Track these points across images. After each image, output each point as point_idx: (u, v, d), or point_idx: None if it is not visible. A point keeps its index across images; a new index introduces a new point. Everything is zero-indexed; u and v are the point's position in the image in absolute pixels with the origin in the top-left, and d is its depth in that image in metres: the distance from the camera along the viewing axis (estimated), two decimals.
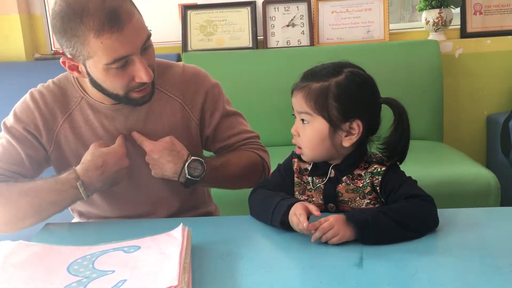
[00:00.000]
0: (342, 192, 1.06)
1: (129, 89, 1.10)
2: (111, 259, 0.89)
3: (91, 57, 1.04)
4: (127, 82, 1.08)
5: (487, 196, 1.85)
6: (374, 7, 2.67)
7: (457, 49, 2.62)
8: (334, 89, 1.00)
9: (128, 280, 0.80)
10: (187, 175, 1.15)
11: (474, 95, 2.66)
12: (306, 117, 1.02)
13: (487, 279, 0.79)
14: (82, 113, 1.19)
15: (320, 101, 1.00)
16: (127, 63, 1.05)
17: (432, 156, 2.20)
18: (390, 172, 1.03)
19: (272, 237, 1.00)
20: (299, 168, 1.11)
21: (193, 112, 1.25)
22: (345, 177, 1.06)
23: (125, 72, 1.07)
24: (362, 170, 1.05)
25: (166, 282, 0.77)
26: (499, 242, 0.93)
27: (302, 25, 2.71)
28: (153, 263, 0.85)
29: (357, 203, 1.06)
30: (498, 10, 2.68)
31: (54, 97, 1.19)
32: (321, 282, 0.80)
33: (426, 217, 0.97)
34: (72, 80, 1.21)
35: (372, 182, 1.04)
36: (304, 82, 1.03)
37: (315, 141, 1.03)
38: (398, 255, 0.89)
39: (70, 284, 0.80)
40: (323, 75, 1.02)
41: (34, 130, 1.17)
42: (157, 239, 0.95)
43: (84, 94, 1.19)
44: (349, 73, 1.01)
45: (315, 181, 1.09)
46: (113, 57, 1.03)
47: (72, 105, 1.19)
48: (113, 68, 1.05)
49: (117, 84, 1.09)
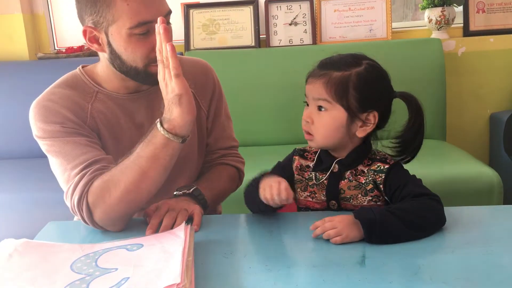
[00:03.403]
0: (345, 189, 1.06)
1: (149, 60, 1.10)
2: (114, 257, 0.89)
3: (115, 21, 1.05)
4: (148, 52, 1.09)
5: (490, 194, 1.85)
6: (376, 6, 2.67)
7: (460, 48, 2.61)
8: (355, 79, 1.01)
9: (131, 278, 0.80)
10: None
11: (477, 93, 2.65)
12: (325, 104, 1.02)
13: (490, 277, 0.79)
14: (103, 104, 1.17)
15: (340, 90, 1.01)
16: (149, 32, 1.07)
17: (435, 154, 2.20)
18: (394, 171, 1.03)
19: (274, 235, 1.00)
20: (300, 166, 1.12)
21: (203, 102, 1.28)
22: (348, 172, 1.06)
23: (147, 41, 1.07)
24: (365, 167, 1.05)
25: (169, 280, 0.77)
26: (502, 240, 0.93)
27: (304, 23, 2.70)
28: (156, 261, 0.85)
29: (359, 200, 1.06)
30: (501, 8, 2.68)
31: (69, 94, 1.14)
32: (323, 280, 0.80)
33: (433, 216, 0.97)
34: (82, 77, 1.19)
35: (375, 180, 1.04)
36: (323, 70, 1.03)
37: (330, 129, 1.03)
38: (400, 253, 0.89)
39: (73, 282, 0.80)
40: (343, 64, 1.03)
41: (73, 125, 1.10)
42: (160, 237, 0.96)
43: (98, 88, 1.18)
44: (368, 65, 1.03)
45: (318, 177, 1.09)
46: (137, 20, 1.04)
47: (90, 98, 1.16)
48: (136, 35, 1.06)
49: (137, 53, 1.09)
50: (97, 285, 0.79)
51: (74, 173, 1.05)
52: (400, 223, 0.92)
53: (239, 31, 2.73)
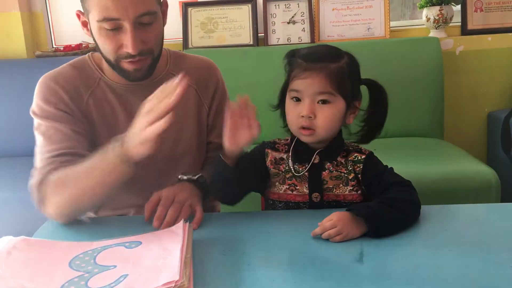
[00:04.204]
0: (327, 180, 1.07)
1: (118, 56, 1.12)
2: (112, 254, 0.89)
3: (89, 12, 1.10)
4: (116, 48, 1.11)
5: (488, 192, 1.85)
6: (374, 4, 2.67)
7: (457, 46, 2.62)
8: (347, 69, 1.03)
9: (130, 275, 0.80)
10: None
11: (475, 92, 2.66)
12: (329, 97, 1.02)
13: (487, 275, 0.80)
14: (103, 93, 1.22)
15: (341, 81, 1.02)
16: (120, 29, 1.09)
17: (433, 153, 2.20)
18: (370, 160, 1.07)
19: (272, 232, 1.00)
20: (274, 159, 1.11)
21: (205, 98, 1.30)
22: (328, 163, 1.07)
23: (115, 37, 1.10)
24: (342, 158, 1.08)
25: (167, 277, 0.77)
26: (500, 238, 0.93)
27: (302, 22, 2.71)
28: (155, 258, 0.85)
29: (341, 190, 1.07)
30: (499, 7, 2.68)
31: (74, 76, 1.21)
32: (322, 277, 0.80)
33: (416, 201, 1.01)
34: (89, 62, 1.24)
35: (354, 170, 1.06)
36: (316, 63, 1.02)
37: (334, 121, 1.04)
38: (398, 250, 0.90)
39: (72, 279, 0.81)
40: (332, 55, 1.04)
41: (65, 108, 1.17)
42: (158, 234, 0.96)
43: (101, 75, 1.23)
44: (348, 55, 1.06)
45: (297, 169, 1.09)
46: (103, 15, 1.07)
47: (92, 84, 1.22)
48: (104, 29, 1.09)
49: (106, 46, 1.12)
50: (96, 282, 0.79)
51: (46, 157, 1.12)
52: (396, 213, 0.95)
53: (237, 29, 2.73)
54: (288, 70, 1.08)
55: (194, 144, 1.30)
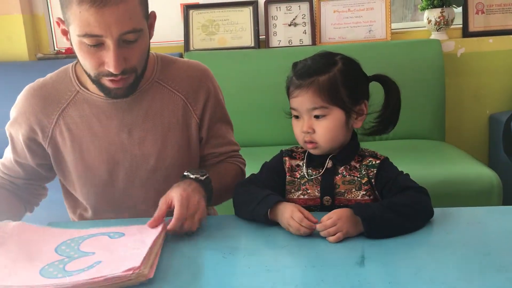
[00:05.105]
0: (339, 184, 1.07)
1: (99, 73, 1.07)
2: (95, 242, 0.95)
3: (70, 24, 1.04)
4: (97, 65, 1.05)
5: (489, 195, 1.85)
6: (376, 7, 2.67)
7: (459, 49, 2.62)
8: (340, 77, 1.03)
9: (103, 261, 0.86)
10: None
11: (476, 94, 2.66)
12: (322, 111, 1.03)
13: (489, 278, 0.79)
14: (78, 108, 1.18)
15: (333, 92, 1.02)
16: (101, 45, 1.03)
17: (434, 155, 2.20)
18: (385, 165, 1.07)
19: (273, 236, 1.00)
20: (290, 166, 1.12)
21: (195, 109, 1.23)
22: (341, 168, 1.08)
23: (96, 53, 1.04)
24: (357, 163, 1.08)
25: (130, 265, 0.81)
26: (501, 240, 0.93)
27: (304, 24, 2.71)
28: (130, 248, 0.90)
29: (353, 195, 1.07)
30: (500, 9, 2.68)
31: (46, 93, 1.19)
32: (322, 280, 0.80)
33: (424, 208, 1.01)
34: (70, 74, 1.20)
35: (368, 174, 1.06)
36: (306, 79, 1.03)
37: (334, 132, 1.04)
38: (399, 253, 0.89)
39: (53, 263, 0.87)
40: (322, 66, 1.04)
41: (31, 132, 1.19)
42: (141, 228, 1.00)
43: (80, 88, 1.18)
44: (343, 59, 1.06)
45: (310, 173, 1.09)
46: (84, 31, 1.00)
47: (66, 99, 1.18)
48: (85, 44, 1.03)
49: (86, 62, 1.06)
50: (72, 266, 0.85)
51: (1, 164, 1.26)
52: (396, 217, 0.95)
53: (239, 31, 2.73)
54: (286, 88, 1.11)
55: (184, 157, 1.23)
